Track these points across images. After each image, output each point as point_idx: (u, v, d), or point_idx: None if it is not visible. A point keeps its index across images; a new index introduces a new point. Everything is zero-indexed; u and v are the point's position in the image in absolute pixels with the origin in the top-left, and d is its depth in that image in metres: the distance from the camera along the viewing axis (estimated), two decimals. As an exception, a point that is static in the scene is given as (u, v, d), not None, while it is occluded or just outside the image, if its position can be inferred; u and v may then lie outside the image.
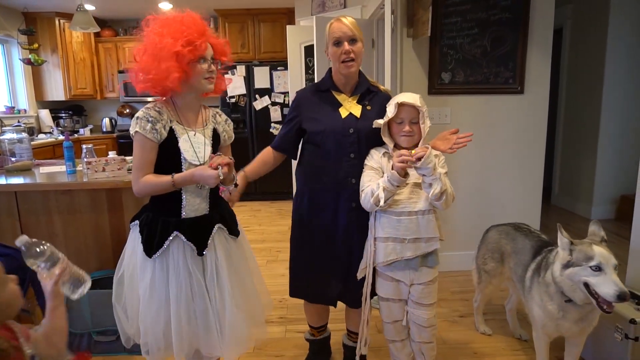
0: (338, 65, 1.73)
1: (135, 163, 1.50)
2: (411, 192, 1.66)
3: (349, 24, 1.70)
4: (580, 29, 4.55)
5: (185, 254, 1.54)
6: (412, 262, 1.68)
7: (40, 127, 5.55)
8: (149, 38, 1.47)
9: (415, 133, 1.67)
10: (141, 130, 1.46)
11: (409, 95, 1.67)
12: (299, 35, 4.61)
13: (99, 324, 2.23)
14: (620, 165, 4.32)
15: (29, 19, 5.31)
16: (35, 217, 2.47)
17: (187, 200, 1.54)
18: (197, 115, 1.61)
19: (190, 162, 1.52)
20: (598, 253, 1.55)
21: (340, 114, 1.77)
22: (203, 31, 1.50)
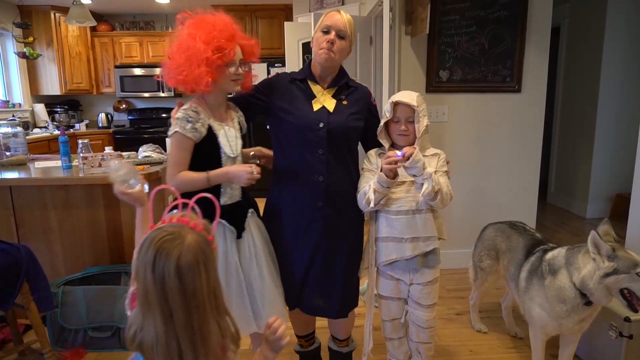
0: (317, 51, 1.64)
1: (171, 160, 1.56)
2: (407, 191, 1.65)
3: (345, 19, 1.65)
4: (578, 28, 4.57)
5: (226, 239, 1.60)
6: (412, 262, 1.67)
7: (35, 122, 5.51)
8: (182, 38, 1.53)
9: (411, 132, 1.65)
10: (181, 130, 1.51)
11: (406, 94, 1.64)
12: (296, 32, 4.59)
13: (95, 320, 2.22)
14: (616, 163, 4.35)
15: (24, 12, 5.26)
16: (30, 212, 2.46)
17: (224, 188, 1.61)
18: (226, 111, 1.68)
19: (229, 156, 1.60)
20: None
21: (312, 106, 1.67)
22: (233, 35, 1.56)
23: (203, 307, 0.91)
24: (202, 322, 0.91)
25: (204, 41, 1.49)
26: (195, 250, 0.90)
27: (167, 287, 0.88)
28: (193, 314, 0.90)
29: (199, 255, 0.91)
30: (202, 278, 0.91)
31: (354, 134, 1.73)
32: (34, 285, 1.93)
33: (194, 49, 1.49)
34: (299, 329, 2.00)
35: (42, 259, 2.40)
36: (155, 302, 0.90)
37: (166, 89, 5.82)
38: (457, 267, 3.02)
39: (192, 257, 0.89)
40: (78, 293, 2.22)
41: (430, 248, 1.67)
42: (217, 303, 0.95)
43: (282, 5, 5.44)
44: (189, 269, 0.89)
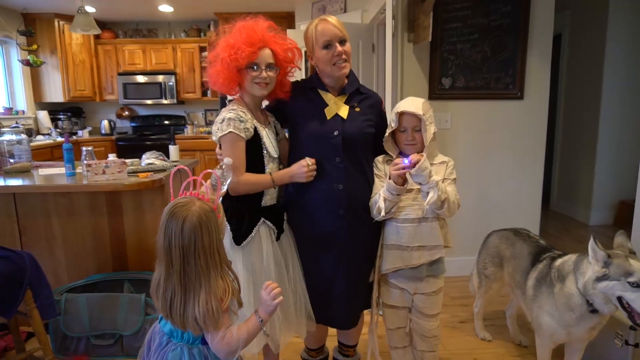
0: (330, 68, 1.63)
1: (234, 163, 1.57)
2: (414, 199, 1.64)
3: (336, 23, 1.62)
4: (579, 35, 4.58)
5: (269, 239, 1.64)
6: (418, 270, 1.66)
7: (38, 129, 5.53)
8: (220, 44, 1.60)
9: (418, 141, 1.64)
10: (235, 130, 1.54)
11: (410, 103, 1.63)
12: (299, 39, 4.59)
13: (97, 328, 2.21)
14: (619, 170, 4.33)
15: (28, 20, 5.30)
16: (33, 219, 2.46)
17: (266, 190, 1.64)
18: (263, 114, 1.73)
19: (272, 156, 1.65)
20: (638, 269, 1.51)
21: (325, 114, 1.66)
22: (259, 39, 1.58)
23: (205, 261, 1.13)
24: (197, 274, 1.12)
25: (226, 45, 1.55)
26: (199, 215, 1.12)
27: (172, 243, 1.11)
28: (190, 266, 1.12)
29: (202, 219, 1.12)
30: (203, 238, 1.12)
31: (368, 141, 1.73)
32: (37, 292, 1.92)
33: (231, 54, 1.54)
34: (312, 343, 1.96)
35: (45, 266, 2.39)
36: (162, 255, 1.14)
37: (169, 96, 5.84)
38: (460, 274, 3.01)
39: (195, 220, 1.11)
40: (81, 301, 2.21)
41: (436, 257, 1.66)
42: (219, 260, 1.17)
43: (285, 13, 5.47)
44: (191, 229, 1.11)
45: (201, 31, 5.90)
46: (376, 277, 1.75)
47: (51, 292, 2.00)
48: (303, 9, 5.05)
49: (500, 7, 2.95)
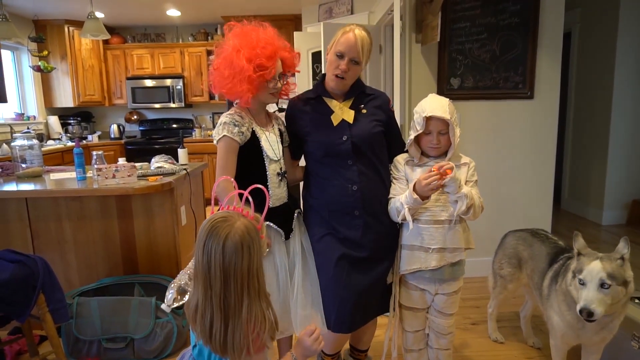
0: (330, 76, 1.69)
1: (220, 164, 1.61)
2: (437, 200, 1.62)
3: (359, 44, 1.62)
4: (589, 33, 4.53)
5: (274, 241, 1.65)
6: (438, 272, 1.65)
7: (49, 134, 5.58)
8: (227, 50, 1.60)
9: (442, 144, 1.63)
10: (229, 133, 1.59)
11: (437, 106, 1.58)
12: (306, 42, 4.62)
13: (109, 331, 2.22)
14: (631, 169, 4.28)
15: (39, 26, 5.36)
16: (45, 224, 2.48)
17: (273, 190, 1.67)
18: (266, 117, 1.76)
19: (272, 159, 1.67)
20: (587, 268, 1.54)
21: (332, 121, 1.69)
22: (275, 52, 1.62)
23: (241, 286, 1.02)
24: (237, 299, 1.02)
25: (247, 58, 1.55)
26: (241, 234, 1.03)
27: (212, 262, 1.01)
28: (229, 289, 1.02)
29: (244, 239, 1.02)
30: (244, 259, 1.02)
31: (378, 141, 1.73)
32: (50, 296, 1.94)
33: (238, 67, 1.55)
34: (329, 348, 1.90)
35: (57, 270, 2.41)
36: (200, 275, 1.04)
37: (177, 99, 5.87)
38: (472, 275, 2.97)
39: (237, 240, 1.02)
40: (92, 304, 2.23)
41: (457, 259, 1.65)
42: (258, 287, 1.05)
43: (292, 16, 5.47)
44: (233, 249, 1.01)
45: (209, 35, 5.93)
46: (395, 278, 1.74)
47: (63, 296, 2.01)
48: (310, 11, 5.06)
49: (509, 6, 2.93)
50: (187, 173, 2.65)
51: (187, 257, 2.67)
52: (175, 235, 2.51)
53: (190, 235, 2.73)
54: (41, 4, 4.74)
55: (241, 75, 1.56)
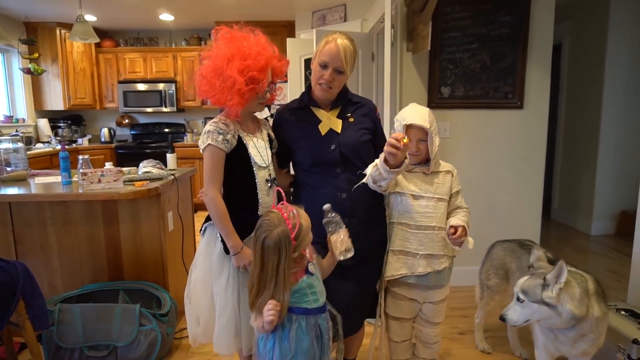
0: (315, 84, 1.69)
1: (207, 174, 1.60)
2: (427, 206, 1.64)
3: (342, 53, 1.61)
4: (579, 45, 4.58)
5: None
6: (424, 279, 1.66)
7: (38, 137, 5.53)
8: (217, 58, 1.56)
9: (422, 152, 1.65)
10: (213, 142, 1.57)
11: (417, 115, 1.61)
12: (299, 48, 4.62)
13: (91, 338, 2.18)
14: (620, 180, 4.31)
15: (30, 28, 5.32)
16: (29, 228, 2.44)
17: (262, 199, 1.65)
18: (254, 123, 1.74)
19: (260, 165, 1.66)
20: (518, 284, 1.65)
21: (319, 130, 1.70)
22: (267, 63, 1.60)
23: (266, 274, 1.35)
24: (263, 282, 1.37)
25: (239, 70, 1.53)
26: (275, 240, 1.33)
27: (256, 248, 1.39)
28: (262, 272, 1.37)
29: (277, 243, 1.33)
30: (273, 258, 1.34)
31: (366, 149, 1.74)
32: (30, 303, 1.89)
33: (229, 78, 1.53)
34: None
35: (40, 276, 2.38)
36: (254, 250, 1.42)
37: (168, 104, 5.85)
38: (459, 284, 2.97)
39: (272, 243, 1.34)
40: (75, 311, 2.18)
41: (442, 267, 1.66)
42: (277, 280, 1.35)
43: (285, 22, 5.49)
44: (267, 247, 1.35)
45: (202, 39, 5.92)
46: (382, 284, 1.73)
47: (44, 303, 1.97)
48: (303, 18, 5.07)
49: (499, 17, 2.95)
50: (175, 178, 2.63)
51: (174, 262, 2.64)
52: (162, 241, 2.48)
53: (177, 241, 2.70)
54: (32, 6, 4.72)
55: (232, 87, 1.53)
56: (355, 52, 1.67)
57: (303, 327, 1.41)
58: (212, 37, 1.65)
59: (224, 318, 1.63)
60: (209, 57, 1.60)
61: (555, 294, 1.57)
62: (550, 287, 1.58)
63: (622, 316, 2.06)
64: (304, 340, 1.40)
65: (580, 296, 1.58)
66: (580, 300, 1.57)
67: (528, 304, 1.62)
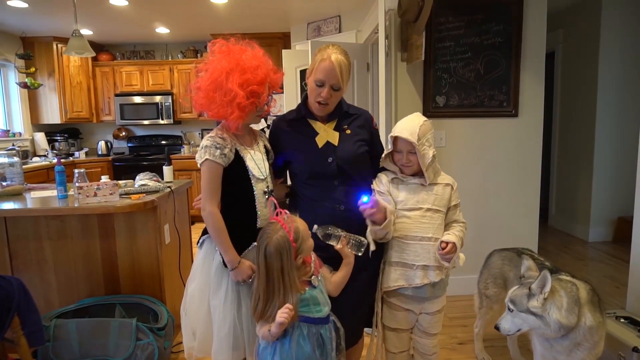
0: (312, 102, 1.69)
1: (205, 189, 1.59)
2: (423, 217, 1.63)
3: (338, 69, 1.61)
4: (572, 53, 4.62)
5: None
6: (420, 290, 1.64)
7: (35, 151, 5.53)
8: (215, 71, 1.56)
9: (414, 163, 1.64)
10: (211, 157, 1.56)
11: (405, 128, 1.62)
12: (294, 60, 4.65)
13: (87, 354, 2.15)
14: (617, 186, 4.32)
15: (26, 43, 5.34)
16: (25, 243, 2.43)
17: (260, 211, 1.65)
18: (250, 135, 1.73)
19: (258, 178, 1.65)
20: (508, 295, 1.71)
21: (317, 143, 1.70)
22: (266, 77, 1.61)
23: (273, 282, 1.39)
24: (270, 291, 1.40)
25: (239, 84, 1.53)
26: (276, 245, 1.39)
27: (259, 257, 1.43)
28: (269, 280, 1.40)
29: (278, 248, 1.39)
30: (276, 262, 1.39)
31: (363, 160, 1.75)
32: (25, 319, 1.88)
33: (229, 92, 1.53)
34: None
35: (36, 291, 2.37)
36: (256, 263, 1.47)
37: (165, 116, 5.86)
38: (458, 293, 2.96)
39: (273, 249, 1.39)
40: (70, 326, 2.16)
41: (439, 278, 1.64)
42: (284, 284, 1.40)
43: (280, 34, 5.52)
44: (269, 254, 1.39)
45: (198, 52, 5.96)
46: (378, 294, 1.72)
47: (40, 319, 1.96)
48: (298, 29, 5.11)
49: (492, 26, 2.98)
50: (171, 191, 2.62)
51: (171, 275, 2.62)
52: (159, 254, 2.47)
53: (174, 254, 2.68)
54: (29, 21, 4.74)
55: (233, 101, 1.54)
56: (350, 65, 1.68)
57: (305, 334, 1.43)
58: (208, 49, 1.66)
59: (223, 331, 1.62)
60: (206, 70, 1.60)
61: (540, 303, 1.58)
62: (535, 297, 1.59)
63: (622, 324, 2.05)
64: (305, 346, 1.42)
65: (569, 305, 1.57)
66: (569, 309, 1.57)
67: (517, 313, 1.63)
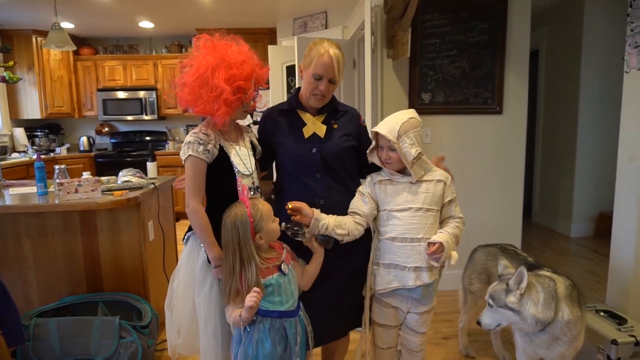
0: (309, 95, 1.69)
1: (189, 185, 1.58)
2: (413, 217, 1.60)
3: (336, 64, 1.64)
4: (556, 51, 4.69)
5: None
6: (414, 292, 1.63)
7: (14, 146, 5.40)
8: (201, 67, 1.54)
9: (394, 160, 1.62)
10: (194, 152, 1.55)
11: (387, 123, 1.61)
12: (280, 56, 4.63)
13: (69, 353, 2.11)
14: (598, 182, 4.40)
15: (5, 36, 5.21)
16: (3, 241, 2.37)
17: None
18: (236, 131, 1.73)
19: (243, 174, 1.64)
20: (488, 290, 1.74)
21: (303, 133, 1.72)
22: (252, 72, 1.60)
23: (231, 254, 1.47)
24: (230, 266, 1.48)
25: (226, 79, 1.52)
26: (232, 217, 1.48)
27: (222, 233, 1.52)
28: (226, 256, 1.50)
29: (234, 219, 1.47)
30: (232, 234, 1.47)
31: (348, 155, 1.75)
32: (4, 318, 1.83)
33: (215, 88, 1.51)
34: None
35: (16, 289, 2.32)
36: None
37: (149, 112, 5.78)
38: (443, 289, 2.96)
39: (229, 221, 1.48)
40: (51, 325, 2.12)
41: (433, 279, 1.63)
42: (241, 255, 1.46)
43: (267, 29, 5.49)
44: (225, 226, 1.49)
45: (182, 47, 5.88)
46: (367, 295, 1.71)
47: (19, 318, 1.91)
48: (285, 25, 5.08)
49: (477, 24, 3.00)
50: (155, 187, 2.59)
51: (155, 273, 2.59)
52: (142, 251, 2.44)
53: (158, 251, 2.65)
54: (8, 13, 4.62)
55: (219, 97, 1.52)
56: (344, 59, 1.70)
57: (266, 329, 1.48)
58: (192, 44, 1.64)
59: (210, 328, 1.61)
60: (191, 65, 1.57)
61: (517, 299, 1.60)
62: (512, 293, 1.62)
63: (602, 317, 2.09)
64: (265, 342, 1.46)
65: (545, 300, 1.60)
66: (545, 304, 1.60)
67: (496, 309, 1.66)
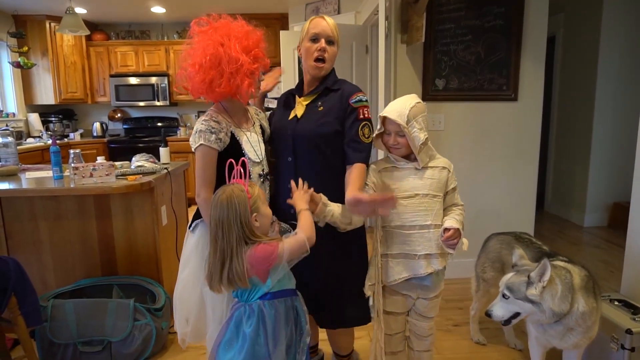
0: (309, 63, 1.65)
1: (200, 175, 1.55)
2: (420, 204, 1.58)
3: (330, 25, 1.64)
4: (573, 37, 4.58)
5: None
6: (426, 279, 1.62)
7: (29, 131, 5.47)
8: (209, 47, 1.50)
9: (402, 145, 1.58)
10: (206, 142, 1.53)
11: (395, 108, 1.56)
12: (292, 41, 4.58)
13: (85, 334, 2.16)
14: (613, 172, 4.34)
15: (19, 21, 5.24)
16: (20, 224, 2.41)
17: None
18: (245, 116, 1.70)
19: (254, 161, 1.62)
20: (502, 278, 1.72)
21: (289, 115, 1.71)
22: (260, 40, 1.61)
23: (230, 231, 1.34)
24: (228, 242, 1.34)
25: (245, 51, 1.50)
26: (228, 195, 1.35)
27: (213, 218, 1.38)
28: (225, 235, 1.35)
29: (230, 198, 1.34)
30: (229, 213, 1.34)
31: (324, 141, 1.63)
32: (22, 299, 1.87)
33: (234, 60, 1.48)
34: None
35: (32, 272, 2.36)
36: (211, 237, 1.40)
37: (161, 97, 5.79)
38: (454, 276, 2.97)
39: (224, 198, 1.35)
40: (68, 307, 2.16)
41: (443, 265, 1.62)
42: (244, 233, 1.35)
43: (278, 15, 5.45)
44: (220, 204, 1.35)
45: (194, 33, 5.87)
46: (378, 287, 1.66)
47: (37, 299, 1.96)
48: (296, 10, 5.03)
49: (494, 9, 2.94)
50: (168, 172, 2.60)
51: (168, 257, 2.62)
52: (156, 235, 2.46)
53: (171, 235, 2.68)
54: (21, -1, 4.64)
55: (240, 69, 1.49)
56: (338, 30, 1.68)
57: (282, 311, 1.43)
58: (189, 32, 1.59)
59: (217, 314, 1.61)
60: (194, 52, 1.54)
61: (538, 291, 1.59)
62: (534, 285, 1.60)
63: (616, 306, 2.07)
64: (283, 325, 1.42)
65: (562, 293, 1.59)
66: (562, 297, 1.59)
67: (513, 300, 1.64)
